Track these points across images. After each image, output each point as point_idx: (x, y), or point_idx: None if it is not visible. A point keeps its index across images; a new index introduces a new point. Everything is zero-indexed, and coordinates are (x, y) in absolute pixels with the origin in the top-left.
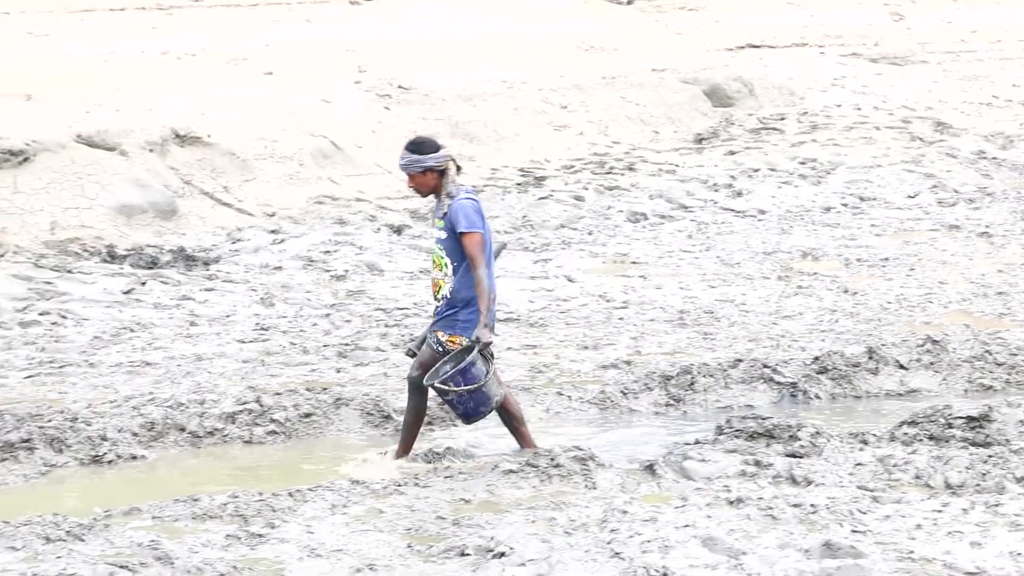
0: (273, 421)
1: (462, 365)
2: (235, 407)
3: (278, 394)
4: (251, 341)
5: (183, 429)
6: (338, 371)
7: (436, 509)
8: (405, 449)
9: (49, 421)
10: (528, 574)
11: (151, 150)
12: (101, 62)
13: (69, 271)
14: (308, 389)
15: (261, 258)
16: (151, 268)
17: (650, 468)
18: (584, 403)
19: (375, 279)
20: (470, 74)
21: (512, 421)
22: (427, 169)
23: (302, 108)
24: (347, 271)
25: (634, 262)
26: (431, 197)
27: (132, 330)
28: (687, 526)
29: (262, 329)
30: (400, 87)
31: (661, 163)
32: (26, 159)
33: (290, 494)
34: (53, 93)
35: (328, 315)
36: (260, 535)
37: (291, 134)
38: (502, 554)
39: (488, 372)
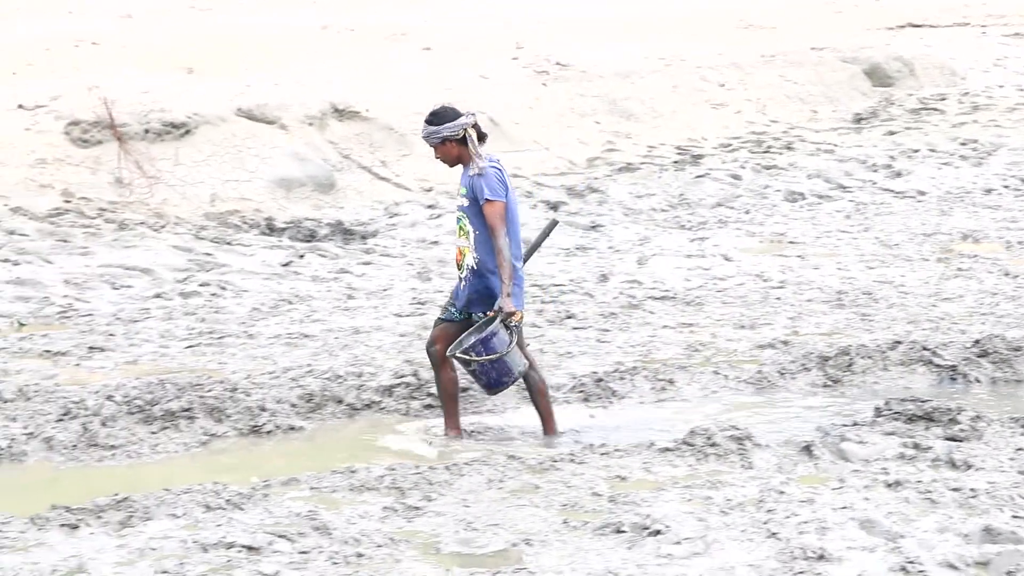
0: (429, 395)
1: (483, 335)
2: (392, 380)
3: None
4: (408, 315)
5: (340, 401)
6: None
7: (592, 485)
8: (454, 425)
9: (209, 391)
10: (684, 552)
11: (310, 124)
12: (261, 36)
13: (228, 243)
14: None
15: (418, 232)
16: (309, 241)
17: (807, 449)
18: (740, 382)
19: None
20: (627, 51)
21: (535, 394)
22: (445, 139)
23: (459, 84)
24: None
25: (791, 242)
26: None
27: (290, 302)
28: (844, 508)
29: (419, 303)
30: (558, 64)
31: (819, 143)
32: (187, 132)
33: (447, 468)
34: (214, 67)
35: None
36: (417, 508)
37: None
38: (658, 532)
39: (510, 343)
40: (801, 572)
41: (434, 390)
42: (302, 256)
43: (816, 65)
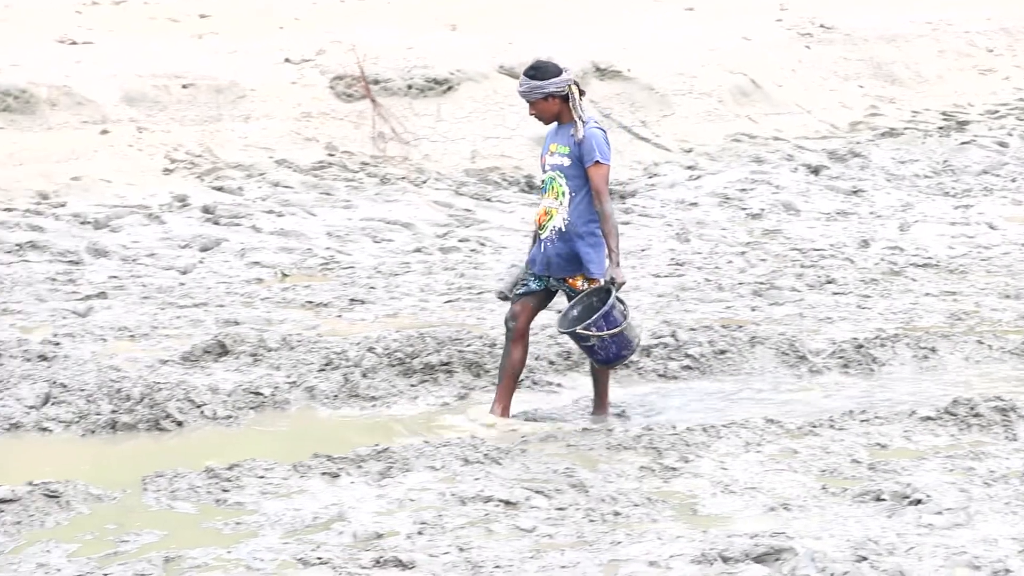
0: (688, 356)
1: (605, 308)
2: (650, 340)
3: (693, 329)
4: (666, 276)
5: None
6: (753, 309)
7: (851, 452)
8: (505, 406)
9: (468, 346)
10: (945, 523)
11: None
12: None
13: (488, 199)
14: (723, 326)
15: (677, 194)
16: None
17: None
18: (1005, 353)
19: (791, 219)
20: (893, 14)
21: (600, 370)
22: (549, 95)
23: (722, 44)
24: (763, 210)
25: None
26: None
27: None
28: None
29: (677, 264)
30: (822, 26)
31: None
32: (450, 88)
33: (704, 430)
34: (477, 24)
35: (743, 253)
36: (674, 468)
37: (710, 70)
38: (918, 501)
39: (626, 314)
40: None
41: (692, 351)
42: None
43: None
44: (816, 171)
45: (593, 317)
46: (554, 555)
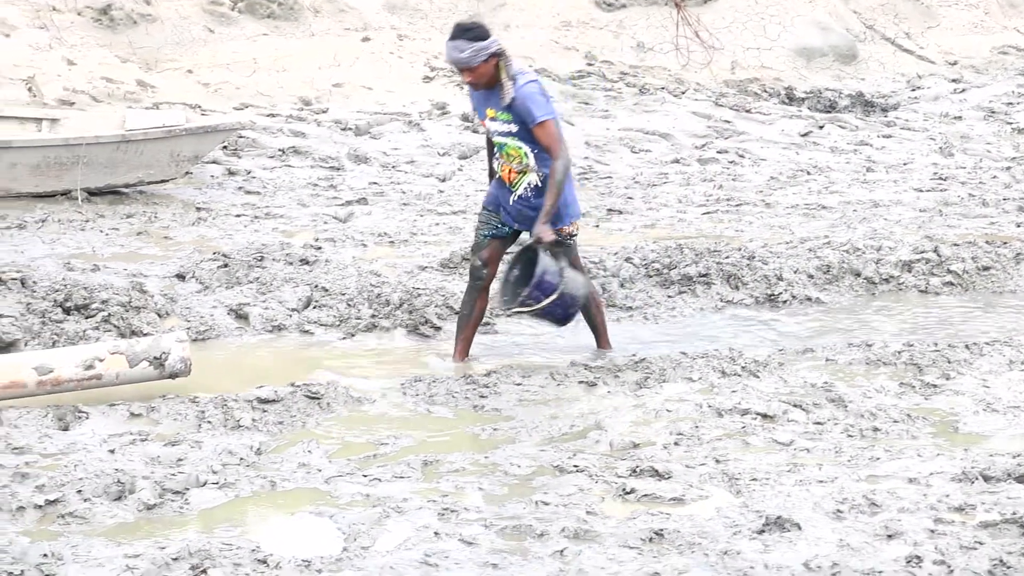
0: (950, 272)
1: (536, 279)
2: (912, 256)
3: (956, 245)
4: (928, 190)
5: (858, 274)
6: (1018, 225)
7: None
8: (464, 351)
9: (727, 258)
10: None
11: None
12: None
13: (747, 111)
14: (987, 242)
15: (940, 107)
16: (829, 112)
17: None
18: None
19: None
20: None
21: (590, 307)
22: (491, 55)
23: None
24: None
25: None
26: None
27: (808, 173)
28: None
29: (940, 179)
30: None
31: None
32: None
33: (966, 346)
34: None
35: (1008, 168)
36: (934, 385)
37: None
38: None
39: (561, 270)
40: None
41: (955, 267)
42: (821, 127)
43: None
44: None
45: (526, 291)
46: (811, 469)
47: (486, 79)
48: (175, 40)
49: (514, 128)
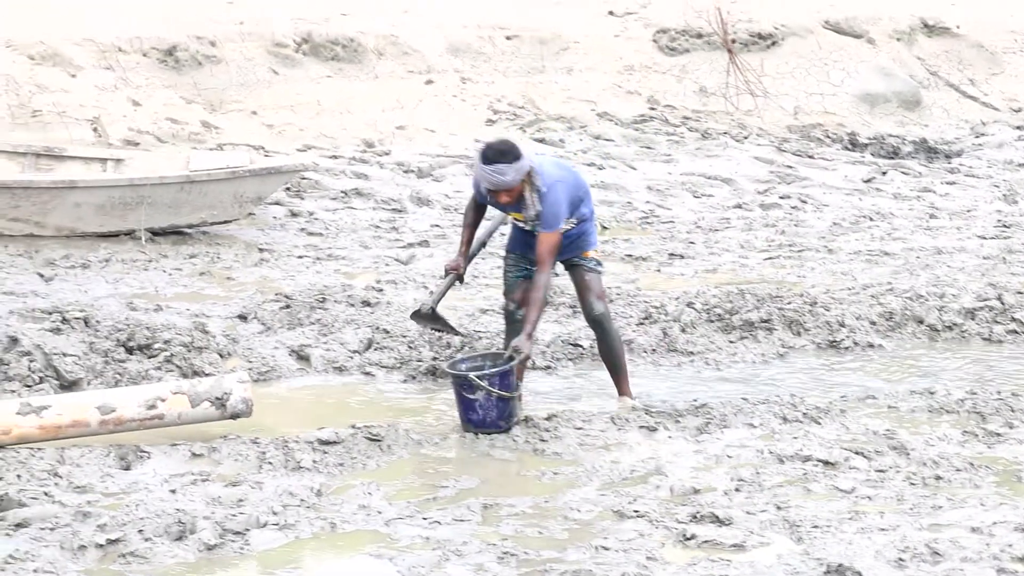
0: (1014, 320)
1: (507, 367)
2: (975, 303)
3: (1020, 293)
4: (992, 238)
5: (921, 321)
6: None
7: None
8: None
9: (788, 303)
10: None
11: (898, 39)
12: None
13: (810, 156)
14: None
15: (1004, 154)
16: (892, 158)
17: None
18: None
19: None
20: None
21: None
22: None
23: None
24: None
25: None
26: None
27: (871, 219)
28: None
29: (1004, 226)
30: None
31: None
32: (774, 43)
33: None
34: None
35: None
36: (998, 434)
37: None
38: None
39: (518, 389)
40: None
41: (1019, 315)
42: (884, 173)
43: None
44: None
45: (493, 370)
46: (873, 517)
47: (517, 195)
48: (239, 81)
49: (538, 227)
